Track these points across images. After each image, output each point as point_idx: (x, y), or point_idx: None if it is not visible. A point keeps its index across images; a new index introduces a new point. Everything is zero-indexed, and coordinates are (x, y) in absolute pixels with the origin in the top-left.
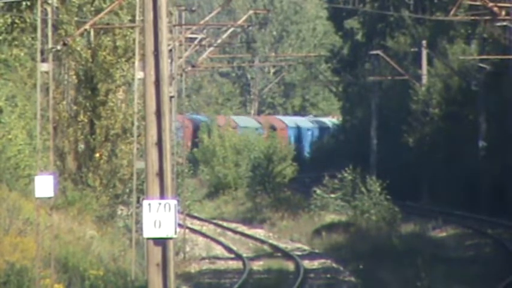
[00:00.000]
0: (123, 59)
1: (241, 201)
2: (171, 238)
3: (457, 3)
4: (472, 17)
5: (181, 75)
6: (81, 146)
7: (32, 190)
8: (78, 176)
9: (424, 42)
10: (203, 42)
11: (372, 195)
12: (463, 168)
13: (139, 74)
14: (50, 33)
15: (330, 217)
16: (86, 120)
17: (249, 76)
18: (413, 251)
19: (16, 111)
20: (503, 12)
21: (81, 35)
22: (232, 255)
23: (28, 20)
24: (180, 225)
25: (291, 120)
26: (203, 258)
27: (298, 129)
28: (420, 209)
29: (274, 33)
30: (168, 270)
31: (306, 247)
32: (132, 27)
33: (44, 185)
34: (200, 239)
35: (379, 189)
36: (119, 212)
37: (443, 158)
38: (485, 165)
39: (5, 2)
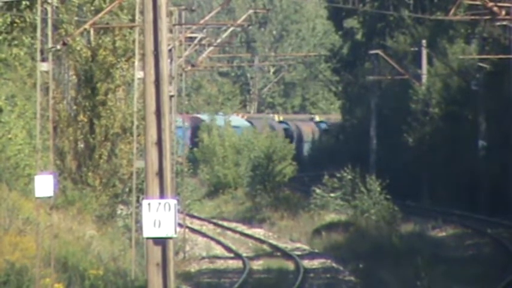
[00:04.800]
0: (123, 59)
1: (241, 201)
2: (170, 238)
3: (457, 3)
4: (472, 17)
5: (181, 75)
6: (81, 146)
7: (31, 190)
8: (78, 176)
9: (423, 41)
10: (203, 42)
11: (372, 195)
12: (463, 168)
13: (139, 74)
14: (49, 33)
15: (329, 217)
16: (85, 120)
17: (248, 76)
18: (413, 250)
19: (16, 110)
20: (503, 12)
21: (81, 34)
22: (232, 255)
23: (28, 20)
24: (179, 225)
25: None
26: (203, 258)
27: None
28: (420, 208)
29: (274, 32)
30: (168, 269)
31: (305, 247)
32: (132, 27)
33: (44, 185)
34: (200, 238)
35: (378, 189)
36: (119, 212)
37: (443, 158)
38: (485, 165)
39: (5, 2)
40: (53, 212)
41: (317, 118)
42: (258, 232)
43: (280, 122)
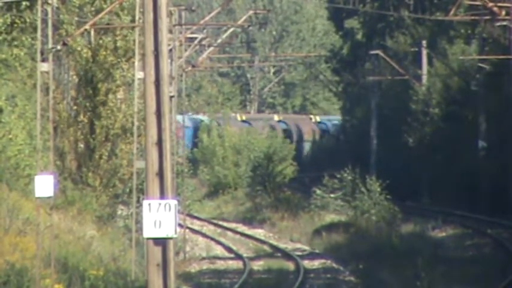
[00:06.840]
0: (124, 59)
1: (241, 201)
2: (171, 238)
3: (457, 3)
4: (472, 17)
5: (181, 75)
6: (81, 146)
7: (32, 190)
8: (78, 176)
9: (424, 42)
10: (203, 42)
11: (372, 195)
12: (463, 168)
13: (139, 74)
14: (50, 33)
15: (330, 217)
16: (86, 120)
17: (248, 76)
18: (413, 251)
19: (16, 111)
20: (503, 12)
21: (82, 35)
22: (233, 255)
23: (28, 20)
24: (180, 225)
25: (189, 120)
26: (203, 258)
27: (195, 129)
28: (420, 209)
29: (274, 33)
30: (168, 270)
31: (306, 247)
32: (133, 28)
33: (44, 185)
34: (200, 239)
35: (379, 189)
36: (119, 212)
37: (443, 158)
38: (485, 165)
39: (5, 2)
40: (53, 212)
41: (276, 118)
42: (259, 233)
43: (243, 121)
